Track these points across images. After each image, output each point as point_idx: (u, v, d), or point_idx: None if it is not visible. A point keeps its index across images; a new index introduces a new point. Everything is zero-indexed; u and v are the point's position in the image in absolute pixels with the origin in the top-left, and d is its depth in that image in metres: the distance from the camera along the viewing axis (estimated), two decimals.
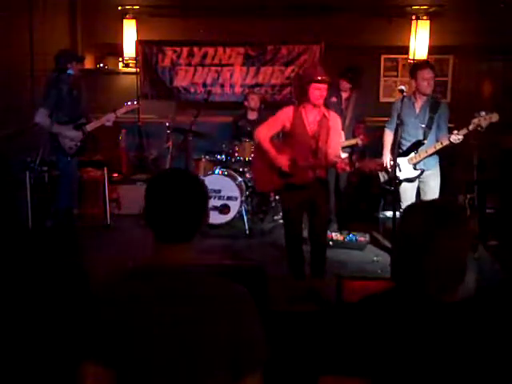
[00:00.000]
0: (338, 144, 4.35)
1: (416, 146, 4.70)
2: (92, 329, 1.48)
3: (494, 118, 4.31)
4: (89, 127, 4.95)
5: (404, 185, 4.80)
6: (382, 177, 4.98)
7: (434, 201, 1.62)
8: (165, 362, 1.45)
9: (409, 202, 4.78)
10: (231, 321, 1.48)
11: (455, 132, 4.42)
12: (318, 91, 4.01)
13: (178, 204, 1.53)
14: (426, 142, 4.66)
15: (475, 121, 4.32)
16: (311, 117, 4.15)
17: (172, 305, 1.47)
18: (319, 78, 4.00)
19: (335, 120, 4.23)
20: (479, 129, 4.33)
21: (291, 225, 4.38)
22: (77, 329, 1.52)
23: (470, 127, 4.35)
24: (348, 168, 4.06)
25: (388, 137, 4.94)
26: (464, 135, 4.39)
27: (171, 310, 1.47)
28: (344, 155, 5.67)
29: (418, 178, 4.77)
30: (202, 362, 1.46)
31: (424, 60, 6.62)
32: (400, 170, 4.73)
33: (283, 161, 4.13)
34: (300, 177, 4.13)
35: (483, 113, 4.31)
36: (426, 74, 4.58)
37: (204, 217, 1.60)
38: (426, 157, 4.67)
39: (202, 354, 1.46)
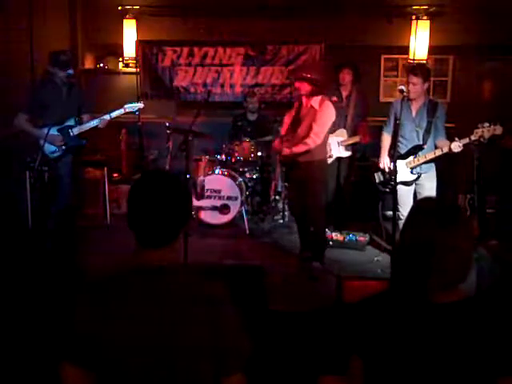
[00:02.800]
0: (315, 133, 4.62)
1: (415, 149, 4.70)
2: (69, 330, 1.48)
3: (498, 130, 4.28)
4: (76, 130, 4.76)
5: (400, 187, 4.78)
6: (378, 178, 4.97)
7: (436, 200, 1.62)
8: (142, 364, 1.45)
9: (406, 205, 4.83)
10: (209, 322, 1.47)
11: (456, 139, 4.41)
12: (296, 83, 4.71)
13: (155, 209, 1.52)
14: (425, 146, 4.65)
15: (478, 131, 4.30)
16: (304, 106, 4.74)
17: (149, 307, 1.47)
18: (294, 75, 4.77)
19: (323, 112, 4.63)
20: (482, 140, 4.32)
21: (288, 201, 5.21)
22: (60, 329, 1.53)
23: (473, 137, 4.34)
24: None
25: (385, 140, 4.93)
26: (464, 144, 4.39)
27: (148, 313, 1.46)
28: (346, 154, 5.68)
29: (415, 181, 4.76)
30: (180, 363, 1.45)
31: (417, 64, 6.59)
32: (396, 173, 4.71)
33: (277, 141, 5.01)
34: (282, 157, 4.97)
35: (487, 124, 4.30)
36: (410, 78, 4.57)
37: (186, 219, 1.58)
38: (425, 162, 4.66)
39: (180, 356, 1.45)
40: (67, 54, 4.72)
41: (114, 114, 4.82)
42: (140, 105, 4.94)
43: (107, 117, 4.77)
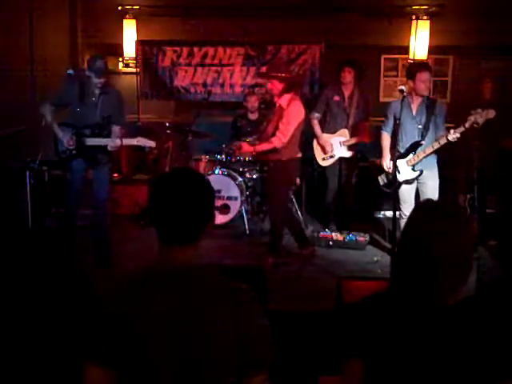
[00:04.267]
0: (281, 131, 4.65)
1: (414, 147, 4.70)
2: (94, 332, 1.48)
3: (491, 114, 4.28)
4: (89, 141, 4.57)
5: (403, 186, 4.79)
6: (382, 180, 4.96)
7: (437, 202, 1.62)
8: (169, 363, 1.44)
9: (408, 204, 4.82)
10: (236, 321, 1.47)
11: (452, 130, 4.42)
12: (268, 85, 4.82)
13: (181, 205, 1.50)
14: (423, 142, 4.66)
15: (471, 118, 4.31)
16: (276, 105, 4.79)
17: (176, 307, 1.46)
18: (265, 76, 4.89)
19: (290, 111, 4.65)
20: (475, 125, 4.31)
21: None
22: (80, 331, 1.52)
23: (467, 124, 4.34)
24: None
25: (386, 140, 4.92)
26: (461, 133, 4.39)
27: (175, 312, 1.46)
28: (348, 154, 5.68)
29: (417, 179, 4.76)
30: (206, 362, 1.45)
31: (422, 61, 6.61)
32: (399, 173, 4.71)
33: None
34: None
35: (479, 109, 4.30)
36: (425, 76, 4.56)
37: (210, 217, 1.58)
38: (425, 157, 4.66)
39: (206, 355, 1.45)
40: (104, 60, 4.53)
41: (126, 141, 4.64)
42: (152, 143, 4.73)
43: (118, 141, 4.57)
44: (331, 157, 5.70)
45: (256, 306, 1.53)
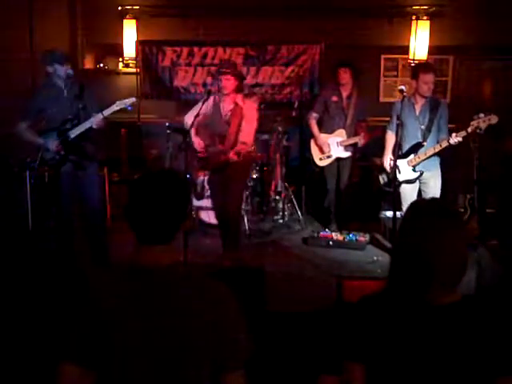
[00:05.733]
0: (249, 132, 4.61)
1: (415, 147, 4.71)
2: (70, 330, 1.49)
3: (493, 119, 4.29)
4: (72, 133, 4.44)
5: (404, 186, 4.80)
6: (382, 179, 4.98)
7: (432, 200, 1.62)
8: (145, 361, 1.45)
9: (409, 203, 4.81)
10: (212, 319, 1.49)
11: (454, 134, 4.43)
12: (223, 81, 4.54)
13: (154, 206, 1.54)
14: (425, 143, 4.66)
15: (474, 123, 4.32)
16: (226, 105, 4.61)
17: (151, 305, 1.48)
18: (220, 69, 4.62)
19: (249, 109, 4.58)
20: (478, 131, 4.32)
21: (214, 203, 5.08)
22: (58, 329, 1.54)
23: (469, 129, 4.35)
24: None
25: (390, 139, 4.92)
26: (463, 137, 4.40)
27: (150, 310, 1.47)
28: (346, 154, 5.68)
29: (418, 179, 4.77)
30: (182, 361, 1.47)
31: (426, 62, 6.62)
32: (399, 172, 4.72)
33: (199, 143, 4.74)
34: (212, 162, 4.70)
35: (482, 114, 4.31)
36: (428, 77, 4.57)
37: (183, 219, 1.60)
38: (425, 159, 4.66)
39: (182, 353, 1.46)
40: (60, 50, 4.57)
41: (106, 111, 4.47)
42: (132, 99, 4.59)
43: (100, 115, 4.43)
44: (328, 157, 5.70)
45: (233, 304, 1.55)
